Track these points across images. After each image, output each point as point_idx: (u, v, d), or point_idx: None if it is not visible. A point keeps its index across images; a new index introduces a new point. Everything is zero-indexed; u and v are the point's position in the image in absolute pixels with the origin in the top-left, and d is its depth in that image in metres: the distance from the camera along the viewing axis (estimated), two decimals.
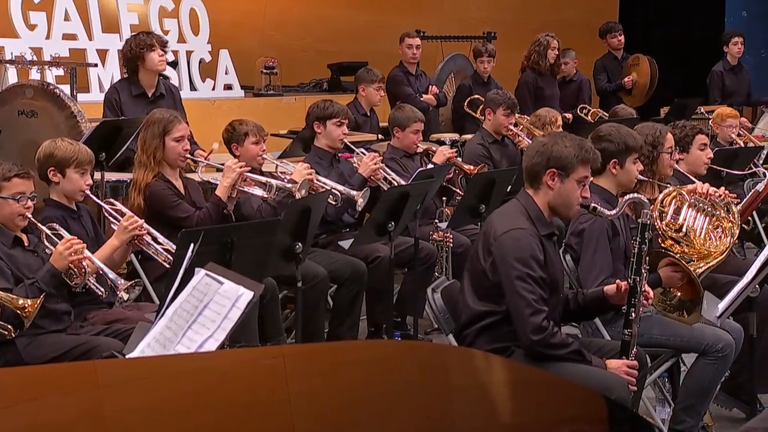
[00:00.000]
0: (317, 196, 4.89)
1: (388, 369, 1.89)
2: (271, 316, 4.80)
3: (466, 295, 3.64)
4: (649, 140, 4.53)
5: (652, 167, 4.52)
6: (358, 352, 1.95)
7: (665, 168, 4.57)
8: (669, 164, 4.59)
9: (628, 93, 9.91)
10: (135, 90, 6.15)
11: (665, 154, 4.55)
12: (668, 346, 4.15)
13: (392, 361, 1.91)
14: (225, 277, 2.58)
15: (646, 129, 4.61)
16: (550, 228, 3.64)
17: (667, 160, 4.56)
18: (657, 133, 4.57)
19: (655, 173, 4.52)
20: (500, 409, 1.99)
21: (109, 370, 1.84)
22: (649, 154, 4.51)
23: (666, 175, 4.59)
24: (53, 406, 1.72)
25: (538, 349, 3.47)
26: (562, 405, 2.04)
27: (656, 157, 4.53)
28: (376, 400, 1.86)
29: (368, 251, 5.38)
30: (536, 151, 3.62)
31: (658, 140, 4.55)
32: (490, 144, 6.65)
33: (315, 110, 5.63)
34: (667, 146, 4.56)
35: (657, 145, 4.54)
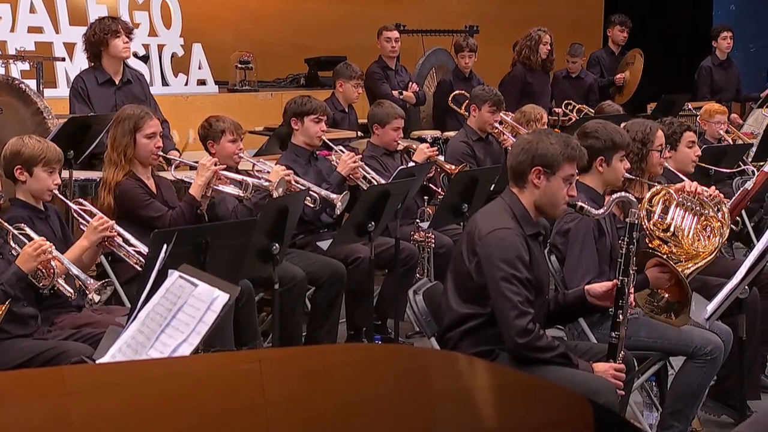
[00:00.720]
0: (295, 195, 4.89)
1: (368, 374, 1.89)
2: (247, 320, 4.79)
3: (450, 297, 3.65)
4: (638, 137, 4.53)
5: (641, 165, 4.52)
6: (337, 357, 1.95)
7: (655, 166, 4.58)
8: (659, 162, 4.59)
9: (619, 90, 9.97)
10: (101, 77, 6.11)
11: (655, 151, 4.55)
12: (656, 348, 4.17)
13: (372, 366, 1.91)
14: (199, 279, 2.57)
15: (636, 126, 4.61)
16: (536, 228, 3.65)
17: (657, 158, 4.56)
18: (647, 129, 4.57)
19: (645, 171, 4.52)
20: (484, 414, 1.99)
21: (78, 376, 1.83)
22: (639, 151, 4.51)
23: (655, 173, 4.59)
24: (19, 414, 1.70)
25: (524, 352, 3.48)
26: (548, 409, 2.04)
27: (645, 154, 4.53)
28: (356, 406, 1.86)
29: (348, 252, 5.38)
30: (521, 148, 3.62)
31: (648, 137, 4.55)
32: (474, 142, 6.66)
33: (292, 106, 5.63)
34: (657, 144, 4.56)
35: (647, 143, 4.54)
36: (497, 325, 3.52)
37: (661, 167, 4.63)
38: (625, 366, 3.62)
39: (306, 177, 5.48)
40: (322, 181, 5.57)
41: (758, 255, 3.65)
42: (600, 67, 10.05)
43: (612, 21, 10.08)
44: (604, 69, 10.07)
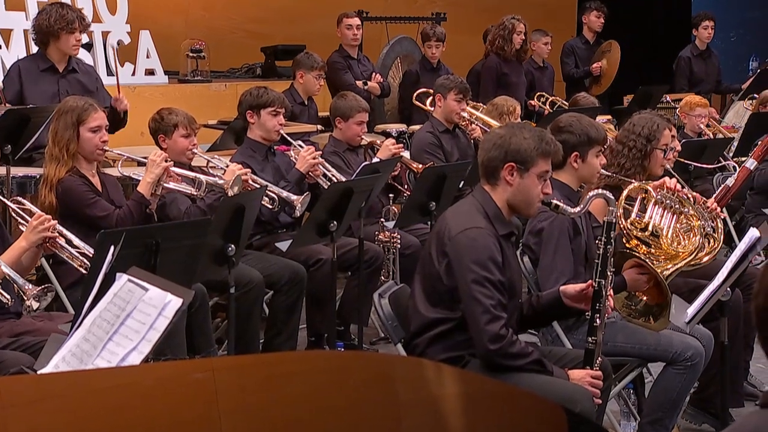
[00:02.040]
0: (252, 193, 4.87)
1: (330, 382, 1.89)
2: (201, 326, 4.76)
3: (417, 300, 3.65)
4: (644, 132, 4.51)
5: (643, 163, 4.50)
6: (297, 365, 1.94)
7: (656, 166, 4.54)
8: (661, 163, 4.57)
9: (595, 81, 10.04)
10: (42, 64, 6.04)
11: (659, 150, 4.55)
12: (633, 354, 4.21)
13: (334, 374, 1.90)
14: (150, 282, 2.56)
15: (642, 120, 4.58)
16: (508, 227, 3.66)
17: (660, 158, 4.54)
18: (654, 126, 4.54)
19: (646, 170, 4.51)
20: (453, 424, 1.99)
21: (17, 387, 1.81)
22: (642, 147, 4.49)
23: (656, 174, 4.55)
24: None
25: (496, 359, 3.49)
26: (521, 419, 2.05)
27: (649, 152, 4.50)
28: (317, 417, 1.86)
29: (309, 253, 5.37)
30: (493, 143, 3.64)
31: (654, 134, 4.52)
32: (440, 133, 6.68)
33: (248, 98, 5.61)
34: (662, 142, 4.55)
35: (652, 140, 4.51)
36: (468, 330, 3.53)
37: (662, 168, 4.60)
38: (602, 373, 3.64)
39: (263, 174, 5.47)
40: (280, 178, 5.56)
41: (740, 255, 3.70)
42: (574, 57, 10.12)
43: (587, 7, 10.15)
44: (578, 59, 10.14)
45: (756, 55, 11.45)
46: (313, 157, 5.56)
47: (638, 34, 11.57)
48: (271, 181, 5.45)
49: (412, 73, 8.69)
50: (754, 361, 5.17)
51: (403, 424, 1.93)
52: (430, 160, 6.27)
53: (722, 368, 3.97)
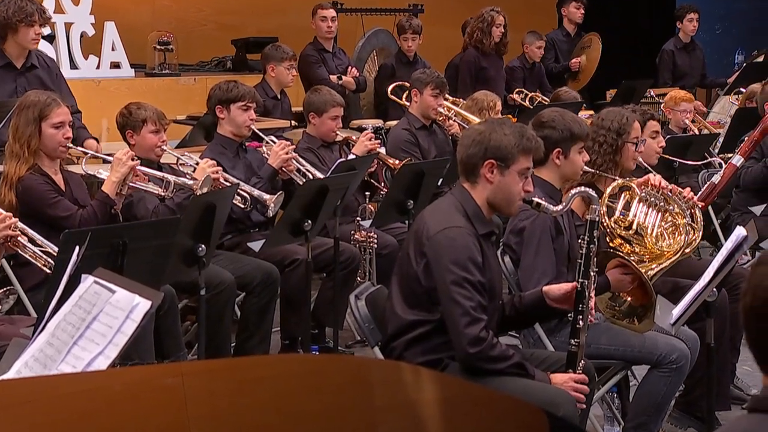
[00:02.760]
0: (223, 191, 4.86)
1: (304, 387, 1.88)
2: (170, 329, 4.75)
3: (395, 302, 3.66)
4: (614, 127, 4.55)
5: (615, 158, 4.53)
6: (270, 369, 1.94)
7: (628, 160, 4.58)
8: (633, 156, 4.61)
9: (573, 76, 10.07)
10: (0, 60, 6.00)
11: (630, 144, 4.58)
12: (617, 357, 4.23)
13: (308, 379, 1.90)
14: (117, 284, 2.54)
15: (611, 114, 4.63)
16: (489, 227, 3.67)
17: (632, 151, 4.58)
18: (623, 119, 4.58)
19: (617, 165, 4.55)
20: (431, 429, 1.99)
21: None
22: (613, 142, 4.52)
23: (628, 168, 4.59)
24: None
25: (476, 362, 3.50)
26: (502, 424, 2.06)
27: (620, 146, 4.54)
28: (290, 423, 1.85)
29: (284, 254, 5.37)
30: (472, 140, 3.64)
31: (624, 128, 4.55)
32: (417, 130, 6.68)
33: (217, 92, 5.59)
34: (633, 135, 4.58)
35: (622, 133, 4.54)
36: (447, 332, 3.54)
37: (634, 162, 4.64)
38: (586, 376, 3.66)
39: (234, 171, 5.46)
40: (252, 175, 5.55)
41: (727, 255, 3.72)
42: (555, 51, 10.15)
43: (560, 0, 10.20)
44: (559, 52, 10.17)
45: (742, 49, 11.52)
46: (286, 152, 5.55)
47: (621, 26, 11.61)
48: (242, 178, 5.44)
49: (388, 67, 8.70)
50: (740, 364, 5.21)
51: (380, 430, 1.93)
52: (406, 158, 6.27)
53: (708, 371, 3.99)
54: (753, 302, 1.85)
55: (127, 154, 4.75)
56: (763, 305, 1.83)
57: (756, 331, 1.86)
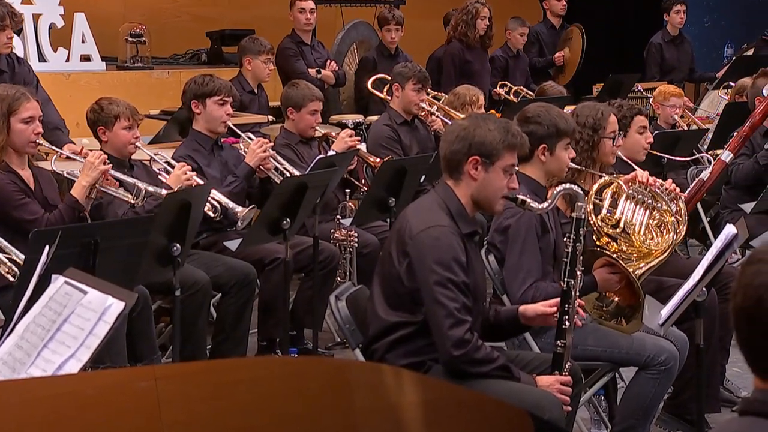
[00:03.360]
0: (199, 189, 4.84)
1: (282, 390, 1.88)
2: (143, 332, 4.74)
3: (376, 303, 3.66)
4: (589, 122, 4.57)
5: (592, 154, 4.55)
6: (247, 372, 1.94)
7: (607, 155, 4.61)
8: (611, 151, 4.63)
9: (559, 70, 10.09)
10: None
11: (607, 139, 4.60)
12: (604, 358, 4.24)
13: (286, 381, 1.90)
14: (89, 284, 2.53)
15: (586, 110, 4.65)
16: (472, 225, 3.68)
17: (610, 146, 4.60)
18: (599, 114, 4.61)
19: (596, 161, 4.57)
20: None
21: None
22: (589, 138, 4.55)
23: (607, 163, 4.63)
24: None
25: (460, 365, 3.51)
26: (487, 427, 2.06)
27: (597, 142, 4.57)
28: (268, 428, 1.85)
29: (262, 253, 5.36)
30: (456, 135, 3.64)
31: (600, 123, 4.58)
32: (398, 125, 6.69)
33: (192, 86, 5.57)
34: (609, 130, 4.61)
35: (598, 129, 4.57)
36: (430, 334, 3.55)
37: (613, 156, 4.68)
38: (572, 379, 3.67)
39: (209, 169, 5.44)
40: (228, 173, 5.54)
41: (716, 253, 3.73)
42: (540, 44, 10.17)
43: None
44: (544, 46, 10.19)
45: (731, 42, 11.57)
46: (264, 150, 5.54)
47: (607, 18, 11.65)
48: (218, 176, 5.42)
49: (369, 60, 8.70)
50: (730, 365, 5.23)
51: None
52: (387, 155, 6.27)
53: (698, 372, 4.00)
54: (743, 302, 1.86)
55: (99, 158, 4.73)
56: (753, 305, 1.84)
57: (746, 331, 1.87)
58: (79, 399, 1.80)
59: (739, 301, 1.87)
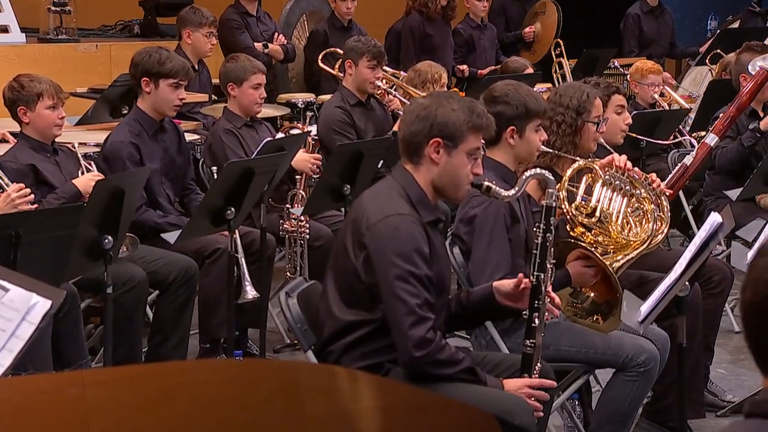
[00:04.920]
0: (133, 174, 4.81)
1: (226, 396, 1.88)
2: (71, 333, 4.71)
3: (331, 301, 3.65)
4: (573, 104, 4.57)
5: (574, 139, 4.56)
6: (186, 377, 1.93)
7: (589, 141, 4.61)
8: (594, 137, 4.64)
9: (527, 47, 10.12)
10: None
11: (591, 123, 4.61)
12: (579, 360, 4.27)
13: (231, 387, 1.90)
14: (10, 281, 2.51)
15: (570, 90, 4.65)
16: (435, 213, 3.68)
17: (593, 131, 4.61)
18: (583, 96, 4.60)
19: (577, 146, 4.58)
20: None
21: None
22: (572, 122, 4.55)
23: (589, 150, 4.63)
24: None
25: (422, 367, 3.52)
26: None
27: (580, 126, 4.57)
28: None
29: (202, 244, 5.33)
30: (416, 115, 3.64)
31: (585, 106, 4.58)
32: (352, 107, 6.68)
33: (147, 61, 5.46)
34: (594, 114, 4.61)
35: (582, 112, 4.57)
36: (390, 334, 3.55)
37: (595, 143, 4.68)
38: (542, 381, 3.69)
39: (150, 160, 5.39)
40: (169, 161, 5.50)
41: (700, 244, 3.77)
42: (505, 18, 10.20)
43: None
44: (509, 20, 10.22)
45: (715, 14, 11.68)
46: None
47: None
48: (157, 168, 5.38)
49: (320, 34, 8.68)
50: (714, 366, 5.30)
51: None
52: (341, 140, 6.26)
53: (680, 374, 4.04)
54: (753, 297, 1.88)
55: (22, 198, 4.63)
56: (763, 300, 1.86)
57: (756, 328, 1.89)
58: None
59: (748, 296, 1.88)
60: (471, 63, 9.42)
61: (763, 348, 1.89)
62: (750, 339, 1.91)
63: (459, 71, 9.24)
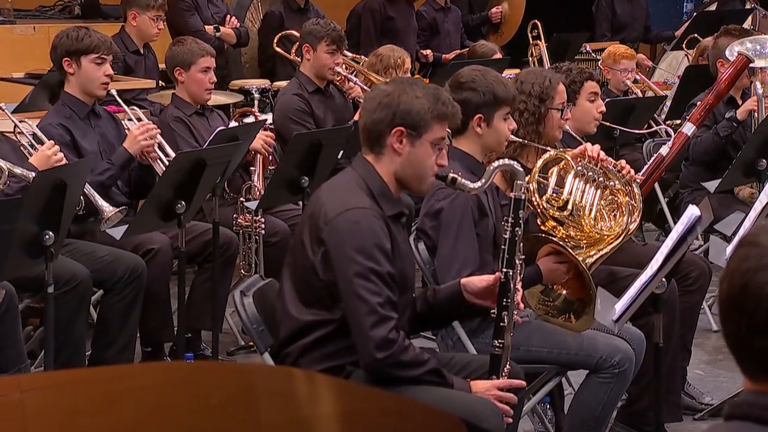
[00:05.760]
0: (75, 166, 4.77)
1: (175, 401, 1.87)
2: (8, 336, 4.69)
3: (288, 300, 3.65)
4: (535, 91, 4.59)
5: (538, 128, 4.58)
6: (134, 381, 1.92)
7: (554, 129, 4.64)
8: (559, 125, 4.66)
9: (494, 29, 10.14)
10: None
11: (555, 110, 4.64)
12: (550, 361, 4.28)
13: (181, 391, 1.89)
14: None
15: (531, 76, 4.67)
16: (397, 206, 3.69)
17: (558, 119, 4.64)
18: (546, 82, 4.62)
19: (541, 135, 4.60)
20: None
21: None
22: (535, 110, 4.57)
23: (554, 138, 4.65)
24: None
25: (385, 368, 3.52)
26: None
27: (543, 114, 4.59)
28: None
29: (138, 241, 5.29)
30: (378, 103, 3.64)
31: (547, 92, 4.60)
32: (310, 94, 6.67)
33: (64, 41, 5.46)
34: (558, 101, 4.63)
35: (545, 99, 4.59)
36: (350, 334, 3.55)
37: (560, 131, 4.71)
38: (512, 383, 3.69)
39: (84, 142, 5.36)
40: (107, 147, 5.46)
41: (677, 239, 3.78)
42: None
43: None
44: (472, 1, 10.23)
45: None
46: (147, 137, 5.38)
47: None
48: (95, 150, 5.34)
49: (275, 16, 8.66)
50: (692, 367, 5.34)
51: None
52: (298, 130, 6.24)
53: (657, 375, 4.06)
54: (729, 290, 1.88)
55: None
56: (738, 293, 1.86)
57: (732, 323, 1.89)
58: None
59: (725, 288, 1.89)
60: (435, 47, 9.44)
61: (742, 344, 1.90)
62: (728, 335, 1.92)
63: (422, 56, 9.25)
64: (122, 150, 5.38)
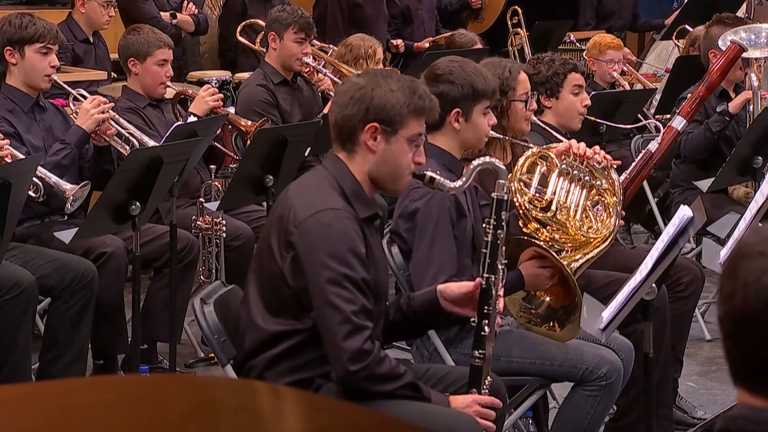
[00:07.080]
0: (20, 164, 4.75)
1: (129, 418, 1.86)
2: None
3: (253, 308, 3.64)
4: None
5: (501, 122, 4.59)
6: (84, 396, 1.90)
7: (519, 122, 4.66)
8: (524, 116, 4.68)
9: (474, 15, 10.15)
10: None
11: (518, 102, 4.65)
12: (533, 372, 4.30)
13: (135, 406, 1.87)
14: None
15: (490, 67, 4.67)
16: (372, 208, 3.69)
17: (522, 110, 4.66)
18: (505, 73, 4.64)
19: (506, 130, 4.61)
20: None
21: None
22: (497, 103, 4.59)
23: (521, 131, 4.67)
24: None
25: (358, 382, 3.52)
26: None
27: (506, 107, 4.62)
28: None
29: (91, 245, 5.26)
30: (350, 97, 3.64)
31: (508, 83, 4.62)
32: (275, 86, 6.67)
33: (6, 30, 5.46)
34: (520, 91, 4.66)
35: (507, 91, 4.61)
36: (321, 345, 3.55)
37: (527, 123, 4.72)
38: (492, 398, 3.69)
39: (29, 136, 5.34)
40: (52, 142, 5.43)
41: (668, 242, 3.79)
42: None
43: None
44: None
45: None
46: (101, 111, 5.41)
47: None
48: (40, 146, 5.32)
49: (237, 2, 8.66)
50: (683, 379, 5.35)
51: None
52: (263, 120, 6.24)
53: (646, 387, 4.07)
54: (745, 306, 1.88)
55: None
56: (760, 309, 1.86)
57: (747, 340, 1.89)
58: None
59: (738, 304, 1.88)
60: (408, 36, 9.43)
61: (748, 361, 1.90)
62: (732, 351, 1.91)
63: (393, 46, 9.24)
64: (75, 128, 5.39)
